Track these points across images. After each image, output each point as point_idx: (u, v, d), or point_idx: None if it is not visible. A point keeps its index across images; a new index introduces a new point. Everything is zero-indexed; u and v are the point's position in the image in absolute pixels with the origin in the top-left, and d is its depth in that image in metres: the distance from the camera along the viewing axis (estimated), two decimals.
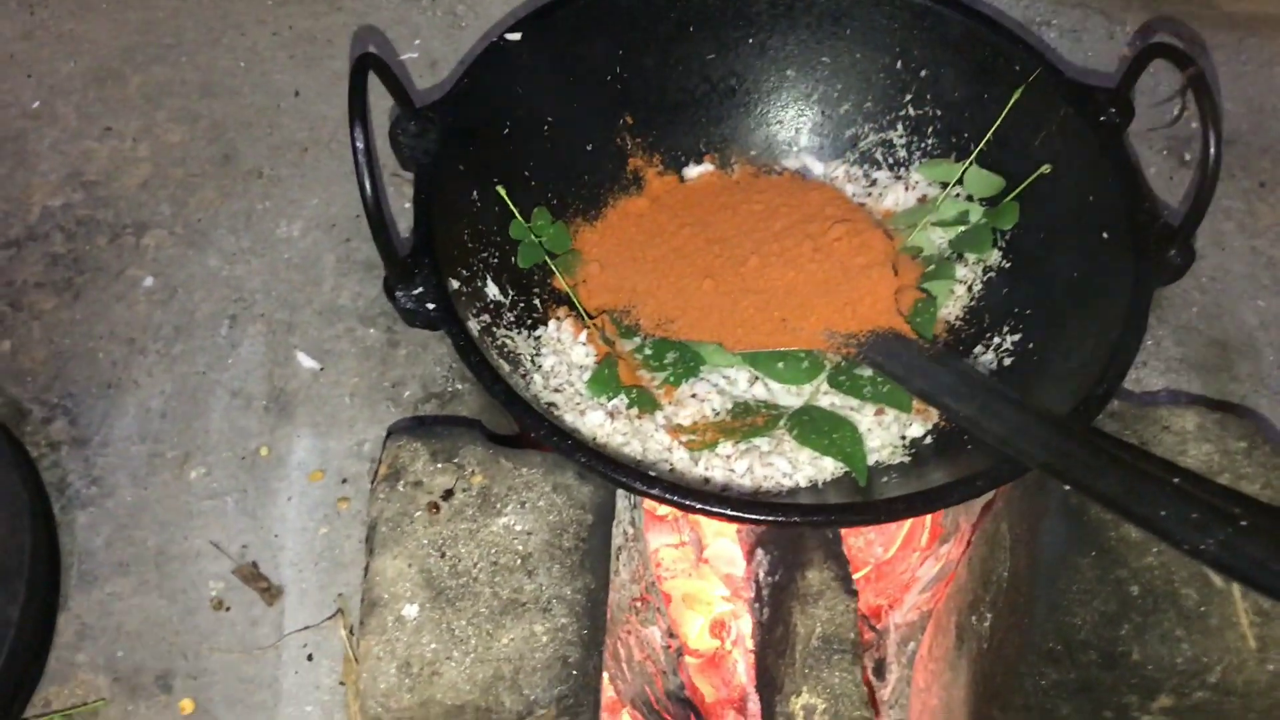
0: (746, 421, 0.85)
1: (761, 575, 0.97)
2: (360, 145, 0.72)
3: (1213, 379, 0.95)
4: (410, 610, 0.71)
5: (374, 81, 0.78)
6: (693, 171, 0.98)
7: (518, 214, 0.89)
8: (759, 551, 0.98)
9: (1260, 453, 0.77)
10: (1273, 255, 1.03)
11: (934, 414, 0.85)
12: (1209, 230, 1.04)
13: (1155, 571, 0.72)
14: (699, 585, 1.10)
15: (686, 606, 1.09)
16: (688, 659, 1.04)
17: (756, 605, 0.97)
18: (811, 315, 0.86)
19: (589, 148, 0.95)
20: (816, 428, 0.84)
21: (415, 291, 0.76)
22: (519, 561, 0.73)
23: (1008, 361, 0.86)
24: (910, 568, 1.07)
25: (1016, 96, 0.89)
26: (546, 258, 0.90)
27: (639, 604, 0.96)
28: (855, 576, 1.07)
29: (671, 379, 0.87)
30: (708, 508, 0.70)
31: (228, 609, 0.84)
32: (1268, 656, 0.70)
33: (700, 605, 1.10)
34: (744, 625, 1.04)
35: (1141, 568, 0.73)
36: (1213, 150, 0.75)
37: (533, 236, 0.90)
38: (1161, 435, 0.78)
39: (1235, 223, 1.05)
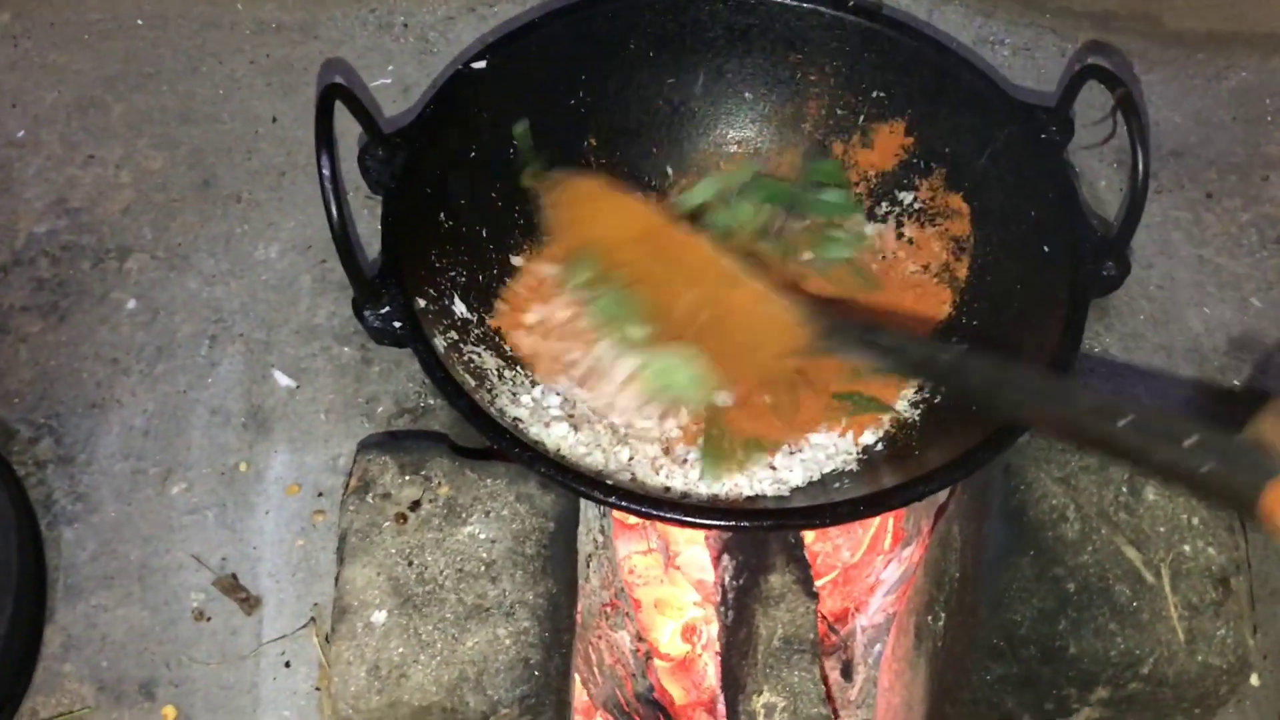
0: None
1: (727, 580, 1.00)
2: (327, 173, 0.75)
3: (1157, 384, 0.98)
4: (379, 616, 0.74)
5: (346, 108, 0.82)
6: None
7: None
8: (725, 557, 1.01)
9: None
10: (1218, 263, 1.07)
11: (885, 421, 0.89)
12: (1158, 239, 1.08)
13: (1090, 569, 0.76)
14: (671, 591, 1.13)
15: (659, 612, 1.12)
16: (657, 662, 1.07)
17: (722, 609, 1.01)
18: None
19: (554, 169, 0.99)
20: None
21: (382, 311, 0.79)
22: (483, 568, 0.77)
23: None
24: (875, 571, 1.10)
25: None
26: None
27: (609, 609, 0.99)
28: (822, 581, 1.11)
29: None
30: (661, 513, 0.73)
31: (208, 619, 0.87)
32: (1196, 649, 0.74)
33: (672, 610, 1.13)
34: (714, 630, 1.07)
35: (1077, 565, 0.76)
36: (1141, 168, 0.78)
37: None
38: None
39: (1183, 232, 1.09)
